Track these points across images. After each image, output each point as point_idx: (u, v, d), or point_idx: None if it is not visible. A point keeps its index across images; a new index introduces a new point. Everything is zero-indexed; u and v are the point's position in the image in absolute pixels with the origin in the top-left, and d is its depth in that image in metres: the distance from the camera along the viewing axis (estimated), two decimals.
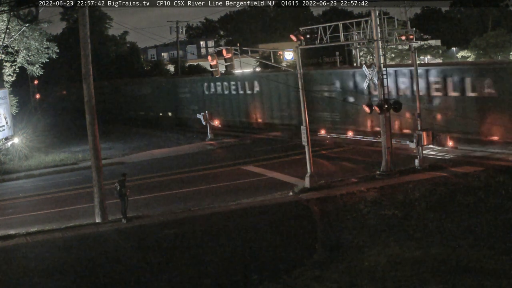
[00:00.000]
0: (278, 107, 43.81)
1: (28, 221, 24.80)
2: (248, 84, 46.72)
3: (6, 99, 40.99)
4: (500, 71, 30.08)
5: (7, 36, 39.37)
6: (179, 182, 30.30)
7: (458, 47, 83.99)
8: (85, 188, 28.65)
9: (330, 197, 24.17)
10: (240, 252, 18.74)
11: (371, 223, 20.20)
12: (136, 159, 38.56)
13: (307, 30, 27.91)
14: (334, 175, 28.16)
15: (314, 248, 18.52)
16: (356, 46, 37.96)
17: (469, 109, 30.60)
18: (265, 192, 26.18)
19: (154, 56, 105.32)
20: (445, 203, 21.53)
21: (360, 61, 52.50)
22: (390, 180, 25.91)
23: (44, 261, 19.42)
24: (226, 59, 26.79)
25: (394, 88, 33.46)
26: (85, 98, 24.39)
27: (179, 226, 21.98)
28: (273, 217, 22.28)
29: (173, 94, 56.36)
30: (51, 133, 51.45)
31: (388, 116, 27.15)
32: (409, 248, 17.34)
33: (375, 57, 28.22)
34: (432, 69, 33.30)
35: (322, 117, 39.38)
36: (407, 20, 28.55)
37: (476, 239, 17.54)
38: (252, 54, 32.72)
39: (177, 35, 73.69)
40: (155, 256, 19.03)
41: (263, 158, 34.00)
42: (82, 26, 24.03)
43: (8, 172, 36.19)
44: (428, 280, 14.89)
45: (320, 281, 15.58)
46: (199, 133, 46.11)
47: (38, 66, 43.56)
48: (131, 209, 23.95)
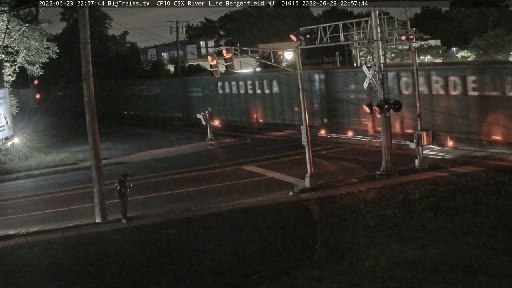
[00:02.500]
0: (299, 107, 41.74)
1: (28, 221, 24.80)
2: (266, 83, 45.08)
3: (6, 99, 41.00)
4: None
5: (7, 36, 39.39)
6: (179, 182, 30.30)
7: (458, 47, 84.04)
8: (85, 188, 28.66)
9: (330, 197, 24.18)
10: (240, 252, 18.74)
11: (371, 223, 20.19)
12: (136, 159, 38.57)
13: (307, 30, 27.92)
14: (334, 175, 28.17)
15: (314, 248, 18.51)
16: (356, 46, 37.88)
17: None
18: (265, 192, 26.20)
19: (154, 56, 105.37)
20: (445, 203, 21.52)
21: (360, 61, 52.54)
22: (390, 180, 25.92)
23: (44, 261, 19.42)
24: (226, 59, 26.81)
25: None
26: (85, 98, 24.41)
27: (179, 226, 21.98)
28: (273, 217, 22.27)
29: (184, 94, 54.94)
30: (51, 133, 51.43)
31: (388, 116, 27.16)
32: (409, 248, 17.33)
33: (375, 57, 28.24)
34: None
35: (348, 119, 37.57)
36: (407, 20, 28.60)
37: (476, 239, 17.53)
38: (252, 54, 32.72)
39: (177, 35, 73.67)
40: (155, 256, 19.04)
41: (264, 158, 34.04)
42: (82, 26, 24.03)
43: (8, 172, 36.20)
44: (428, 280, 14.89)
45: (320, 281, 15.58)
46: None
47: (38, 66, 43.57)
48: (131, 209, 23.95)
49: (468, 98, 30.49)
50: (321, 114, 40.51)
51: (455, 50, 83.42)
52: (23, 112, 50.71)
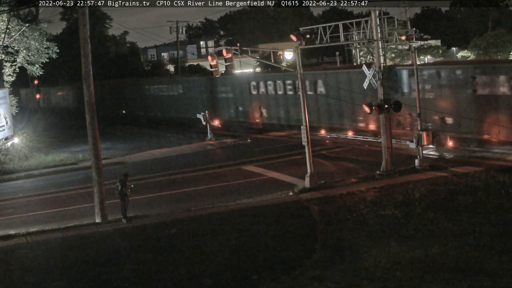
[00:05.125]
0: (349, 109, 37.76)
1: (28, 221, 24.79)
2: (309, 84, 39.72)
3: (6, 99, 41.01)
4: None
5: (7, 36, 39.42)
6: (179, 182, 30.29)
7: (458, 47, 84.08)
8: (85, 188, 28.64)
9: (330, 197, 24.17)
10: (240, 252, 18.73)
11: (371, 223, 20.19)
12: (137, 159, 38.56)
13: (307, 30, 27.91)
14: (334, 175, 28.16)
15: (314, 248, 18.51)
16: (356, 46, 37.96)
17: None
18: (265, 192, 26.21)
19: (154, 56, 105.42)
20: (445, 203, 21.52)
21: (360, 61, 52.49)
22: (390, 180, 25.91)
23: (44, 261, 19.41)
24: (226, 59, 26.83)
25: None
26: (85, 98, 24.40)
27: (179, 226, 21.96)
28: (273, 217, 22.26)
29: (210, 94, 51.17)
30: (51, 133, 51.39)
31: (388, 116, 27.15)
32: (409, 248, 17.32)
33: (375, 57, 28.23)
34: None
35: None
36: (407, 20, 28.68)
37: (476, 239, 17.53)
38: (252, 54, 32.77)
39: (177, 35, 73.74)
40: (155, 256, 19.02)
41: (264, 158, 34.04)
42: (82, 26, 24.03)
43: (8, 172, 36.15)
44: (428, 280, 14.88)
45: (320, 281, 15.57)
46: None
47: (38, 66, 43.60)
48: (131, 209, 23.95)
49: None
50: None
51: (455, 50, 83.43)
52: (23, 112, 50.72)
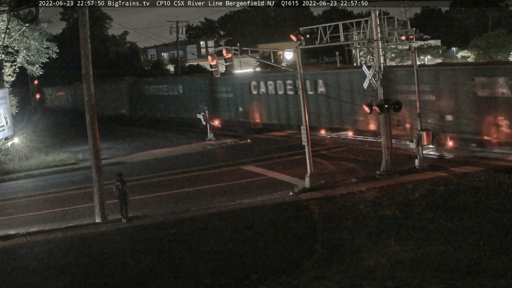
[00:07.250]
0: (349, 109, 37.41)
1: (28, 221, 24.79)
2: (309, 84, 39.62)
3: (6, 99, 41.03)
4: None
5: (7, 36, 39.42)
6: (179, 182, 30.29)
7: (458, 47, 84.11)
8: (85, 188, 28.66)
9: (330, 197, 24.16)
10: (240, 252, 18.73)
11: (371, 223, 20.19)
12: (137, 159, 38.57)
13: (307, 30, 27.92)
14: (334, 175, 28.16)
15: (314, 248, 18.51)
16: (356, 46, 37.88)
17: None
18: (265, 192, 26.22)
19: (154, 56, 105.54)
20: (445, 203, 21.52)
21: (360, 61, 52.55)
22: (390, 180, 25.90)
23: (44, 261, 19.41)
24: (226, 59, 26.81)
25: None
26: (85, 98, 24.40)
27: (179, 226, 21.97)
28: (273, 217, 22.26)
29: (210, 94, 51.03)
30: (51, 133, 51.42)
31: (388, 116, 27.15)
32: (409, 248, 17.33)
33: (375, 57, 28.23)
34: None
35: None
36: (407, 20, 28.68)
37: (476, 239, 17.52)
38: (252, 54, 32.79)
39: (177, 35, 73.77)
40: (155, 256, 19.03)
41: (264, 158, 34.05)
42: (82, 26, 24.03)
43: (8, 172, 36.16)
44: (428, 280, 14.88)
45: (320, 281, 15.57)
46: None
47: (38, 66, 43.61)
48: (131, 209, 23.95)
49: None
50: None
51: (455, 50, 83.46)
52: (23, 112, 50.72)
